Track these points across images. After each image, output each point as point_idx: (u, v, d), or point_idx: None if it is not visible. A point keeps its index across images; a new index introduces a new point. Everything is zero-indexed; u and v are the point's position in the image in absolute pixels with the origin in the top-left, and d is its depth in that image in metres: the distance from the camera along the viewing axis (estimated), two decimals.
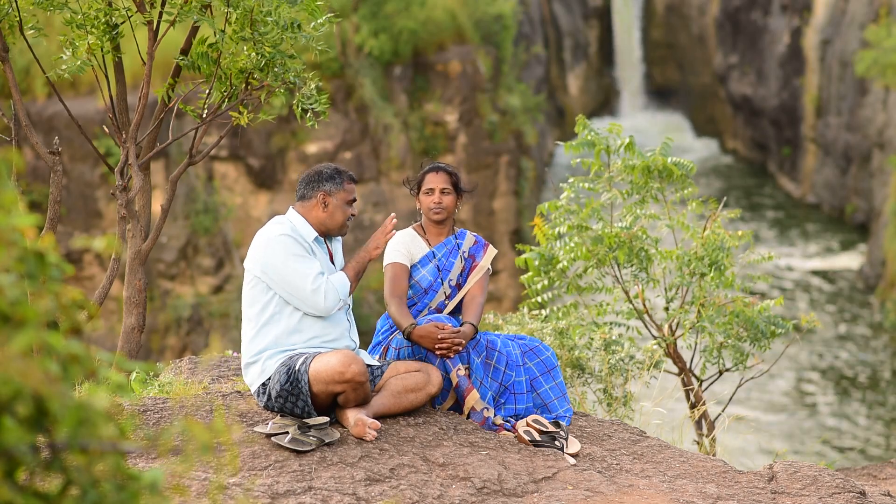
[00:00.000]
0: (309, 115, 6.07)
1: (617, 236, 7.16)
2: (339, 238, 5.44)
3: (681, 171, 7.28)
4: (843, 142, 34.54)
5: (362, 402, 5.07)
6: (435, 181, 5.72)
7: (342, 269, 5.27)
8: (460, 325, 5.48)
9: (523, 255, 7.32)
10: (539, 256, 7.34)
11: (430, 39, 28.33)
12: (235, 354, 6.32)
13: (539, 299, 7.32)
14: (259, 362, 5.15)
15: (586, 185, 7.42)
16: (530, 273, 7.40)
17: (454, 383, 5.38)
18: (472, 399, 5.38)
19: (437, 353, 5.34)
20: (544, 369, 5.62)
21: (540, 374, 5.61)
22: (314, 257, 5.18)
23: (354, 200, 5.35)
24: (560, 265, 7.25)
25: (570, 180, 7.43)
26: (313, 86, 6.06)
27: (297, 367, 4.99)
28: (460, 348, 5.35)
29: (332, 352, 5.04)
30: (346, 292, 5.19)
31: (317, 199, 5.24)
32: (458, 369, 5.38)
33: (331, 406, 5.08)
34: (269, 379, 5.09)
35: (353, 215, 5.34)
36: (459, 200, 5.78)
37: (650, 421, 6.67)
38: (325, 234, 5.32)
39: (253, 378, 5.16)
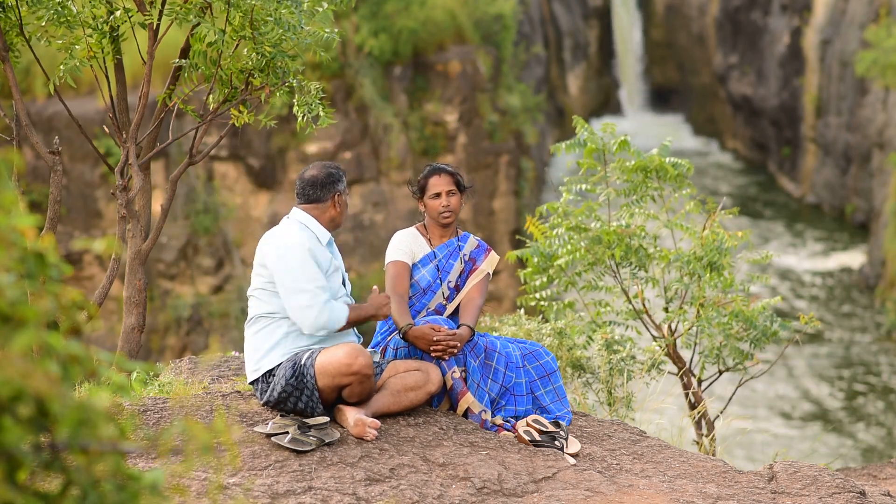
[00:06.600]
0: (314, 117, 6.06)
1: (615, 233, 7.15)
2: None
3: (677, 171, 7.26)
4: (843, 142, 34.53)
5: (366, 397, 5.10)
6: (440, 184, 5.71)
7: (349, 306, 5.23)
8: (457, 328, 5.48)
9: (516, 252, 7.30)
10: (538, 253, 7.32)
11: (430, 39, 28.30)
12: (237, 354, 6.32)
13: (537, 296, 7.31)
14: (261, 351, 5.17)
15: (585, 186, 7.42)
16: (529, 269, 7.39)
17: (448, 386, 5.39)
18: (466, 402, 5.38)
19: (432, 354, 5.34)
20: (543, 373, 5.62)
21: (538, 377, 5.60)
22: (327, 264, 5.19)
23: None
24: (559, 262, 7.25)
25: (566, 180, 7.43)
26: (313, 91, 6.06)
27: (302, 362, 5.02)
28: (456, 351, 5.35)
29: (338, 345, 5.07)
30: (336, 328, 5.12)
31: (332, 199, 5.33)
32: (454, 371, 5.38)
33: (332, 403, 5.09)
34: (272, 374, 5.10)
35: None
36: (463, 199, 5.79)
37: (651, 420, 6.67)
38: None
39: (256, 359, 5.17)
